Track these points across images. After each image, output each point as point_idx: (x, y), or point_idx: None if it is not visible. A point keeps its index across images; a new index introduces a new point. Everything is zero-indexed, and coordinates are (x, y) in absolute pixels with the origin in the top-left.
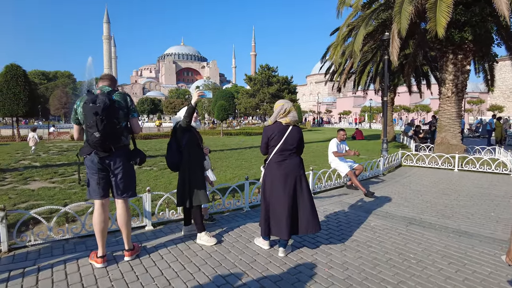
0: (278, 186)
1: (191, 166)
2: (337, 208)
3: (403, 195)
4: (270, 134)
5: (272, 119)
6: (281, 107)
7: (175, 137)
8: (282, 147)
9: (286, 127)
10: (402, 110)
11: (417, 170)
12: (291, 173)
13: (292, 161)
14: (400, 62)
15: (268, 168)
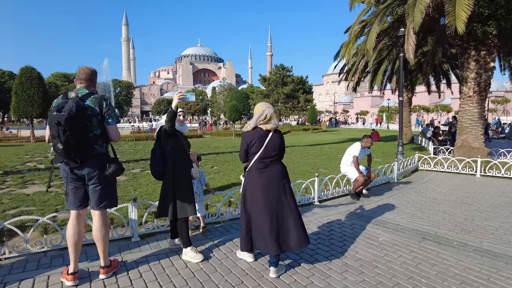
0: (259, 196)
1: (176, 174)
2: (343, 219)
3: (417, 204)
4: (249, 141)
5: (252, 124)
6: (261, 112)
7: (159, 142)
8: (263, 154)
9: (267, 132)
10: (421, 110)
11: (435, 175)
12: (274, 181)
13: (275, 169)
14: (418, 60)
15: (248, 176)
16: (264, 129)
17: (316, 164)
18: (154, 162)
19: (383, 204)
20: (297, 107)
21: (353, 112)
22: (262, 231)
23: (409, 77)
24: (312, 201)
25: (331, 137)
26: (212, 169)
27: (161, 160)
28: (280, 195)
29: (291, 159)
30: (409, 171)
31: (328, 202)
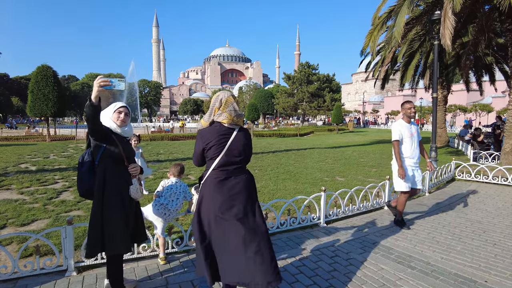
0: (220, 215)
1: (105, 193)
2: (353, 250)
3: (456, 229)
4: (205, 141)
5: (207, 118)
6: (216, 99)
7: (89, 149)
8: (224, 160)
9: (229, 130)
10: (457, 110)
11: (477, 188)
12: (239, 195)
13: (239, 179)
14: (456, 53)
15: (205, 189)
16: (226, 125)
17: (334, 171)
18: (80, 176)
19: (408, 229)
20: (323, 107)
21: (384, 112)
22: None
23: (444, 72)
24: (317, 222)
25: (357, 138)
26: None
27: (88, 174)
28: (247, 214)
29: (305, 163)
30: (443, 181)
31: (338, 224)
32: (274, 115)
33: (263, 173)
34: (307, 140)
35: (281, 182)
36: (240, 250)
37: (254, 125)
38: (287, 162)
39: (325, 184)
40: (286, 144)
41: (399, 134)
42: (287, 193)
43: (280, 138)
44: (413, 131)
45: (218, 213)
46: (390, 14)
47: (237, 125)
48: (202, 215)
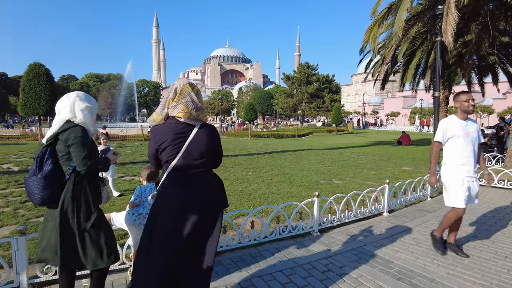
0: (174, 226)
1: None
2: (347, 263)
3: (461, 238)
4: (158, 141)
5: (159, 111)
6: (171, 88)
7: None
8: (181, 164)
9: (188, 128)
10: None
11: (482, 191)
12: (198, 206)
13: (201, 186)
14: (458, 52)
15: (159, 197)
16: (181, 120)
17: (331, 173)
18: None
19: (410, 238)
20: (322, 107)
21: (383, 113)
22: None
23: (446, 72)
24: (310, 231)
25: (356, 140)
26: None
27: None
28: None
29: (301, 165)
30: None
31: (333, 232)
32: (274, 116)
33: (257, 175)
34: (305, 141)
35: (274, 185)
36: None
37: (253, 126)
38: (283, 163)
39: (321, 188)
40: (283, 145)
41: (443, 134)
42: (280, 197)
43: (278, 139)
44: (470, 130)
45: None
46: (391, 9)
47: (198, 121)
48: (154, 224)
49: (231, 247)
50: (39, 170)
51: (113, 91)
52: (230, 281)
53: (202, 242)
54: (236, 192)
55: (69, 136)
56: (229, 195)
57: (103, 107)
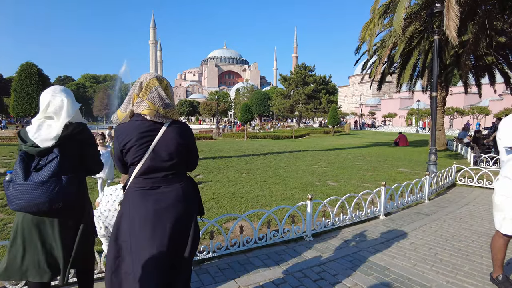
0: (141, 236)
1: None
2: (341, 270)
3: (461, 243)
4: (122, 141)
5: (123, 108)
6: (136, 83)
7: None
8: (148, 166)
9: (155, 126)
10: (455, 112)
11: (480, 194)
12: (168, 211)
13: (171, 190)
14: (455, 52)
15: (125, 203)
16: (147, 117)
17: (326, 174)
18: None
19: (407, 243)
20: (319, 109)
21: (380, 114)
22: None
23: (443, 72)
24: (302, 235)
25: (353, 141)
26: (195, 177)
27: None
28: (176, 237)
29: (296, 166)
30: (444, 187)
31: (327, 236)
32: (271, 117)
33: (250, 176)
34: (301, 142)
35: (268, 187)
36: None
37: (250, 127)
38: (278, 165)
39: (316, 190)
40: (279, 146)
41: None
42: (273, 199)
43: (274, 140)
44: None
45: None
46: (389, 6)
47: (167, 119)
48: (121, 232)
49: (219, 254)
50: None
51: (109, 92)
52: None
53: (173, 253)
54: (227, 194)
55: (85, 135)
56: (220, 197)
57: (99, 108)
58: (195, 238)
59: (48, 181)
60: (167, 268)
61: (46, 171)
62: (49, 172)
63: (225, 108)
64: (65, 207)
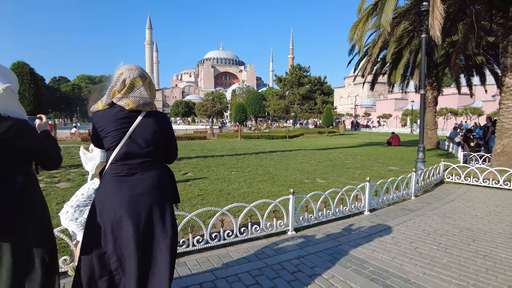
0: (118, 221)
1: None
2: (320, 263)
3: (442, 238)
4: (100, 127)
5: (104, 101)
6: (118, 77)
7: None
8: (124, 152)
9: (132, 114)
10: (448, 113)
11: (467, 191)
12: (144, 198)
13: (146, 177)
14: (446, 52)
15: (102, 187)
16: (127, 108)
17: (316, 172)
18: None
19: (389, 237)
20: (314, 109)
21: (375, 115)
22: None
23: (434, 72)
24: (285, 230)
25: (346, 141)
26: (184, 175)
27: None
28: (151, 224)
29: (287, 165)
30: (431, 184)
31: (309, 231)
32: (266, 118)
33: (240, 174)
34: (295, 142)
35: (256, 184)
36: (143, 266)
37: (244, 127)
38: (269, 163)
39: (304, 187)
40: (272, 145)
41: None
42: (260, 196)
43: (268, 140)
44: None
45: (116, 216)
46: (377, 5)
47: (145, 109)
48: (96, 218)
49: (199, 247)
50: None
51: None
52: (192, 282)
53: (149, 239)
54: (214, 191)
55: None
56: (207, 194)
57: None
58: (172, 224)
59: None
60: (146, 250)
61: None
62: None
63: (221, 109)
64: None
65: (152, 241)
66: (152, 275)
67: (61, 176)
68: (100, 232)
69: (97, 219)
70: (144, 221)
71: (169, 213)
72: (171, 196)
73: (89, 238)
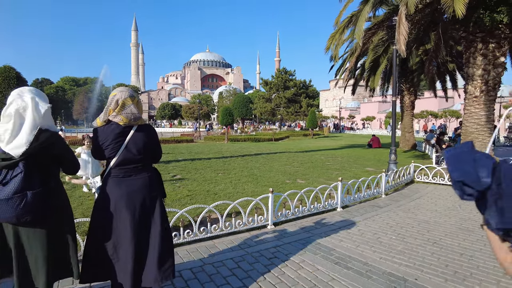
0: (117, 213)
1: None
2: (293, 252)
3: (402, 229)
4: (101, 141)
5: (102, 118)
6: (112, 99)
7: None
8: (122, 159)
9: (126, 129)
10: (429, 116)
11: (433, 189)
12: (138, 194)
13: (139, 178)
14: (421, 59)
15: (103, 187)
16: (121, 124)
17: (297, 173)
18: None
19: (356, 229)
20: (299, 112)
21: (360, 117)
22: (119, 260)
23: (410, 77)
24: (265, 224)
25: (330, 143)
26: (173, 177)
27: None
28: (145, 214)
29: (271, 166)
30: (402, 184)
31: (287, 225)
32: (253, 120)
33: (225, 176)
34: (280, 145)
35: (241, 185)
36: (140, 248)
37: (232, 130)
38: (254, 165)
39: (285, 187)
40: (258, 148)
41: None
42: (244, 195)
43: (255, 142)
44: None
45: (115, 209)
46: (352, 19)
47: (135, 124)
48: (99, 210)
49: (189, 240)
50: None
51: (90, 95)
52: (183, 267)
53: (144, 226)
54: (202, 192)
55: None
56: (195, 194)
57: (79, 111)
58: (162, 213)
59: (12, 198)
60: (143, 236)
61: (10, 187)
62: (13, 189)
63: (208, 111)
64: (33, 220)
65: (146, 227)
66: (147, 255)
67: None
68: (103, 222)
69: (101, 211)
70: (138, 211)
71: (159, 205)
72: (159, 192)
73: (94, 227)
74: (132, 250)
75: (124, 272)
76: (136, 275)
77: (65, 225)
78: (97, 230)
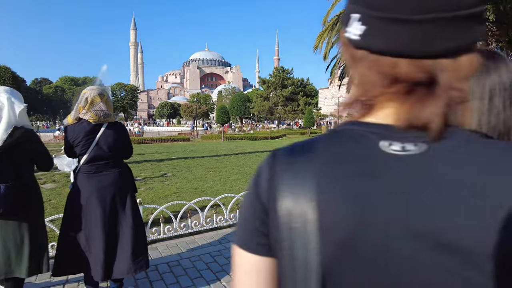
0: (88, 207)
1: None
2: None
3: None
4: (72, 138)
5: (72, 115)
6: (81, 96)
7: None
8: (92, 156)
9: (96, 126)
10: None
11: None
12: (109, 189)
13: (110, 173)
14: None
15: (75, 183)
16: (91, 121)
17: None
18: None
19: None
20: (297, 110)
21: None
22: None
23: None
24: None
25: None
26: (163, 176)
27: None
28: (116, 208)
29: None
30: None
31: None
32: (252, 119)
33: (216, 174)
34: (276, 143)
35: (230, 183)
36: (111, 241)
37: (230, 129)
38: (246, 163)
39: None
40: (253, 146)
41: None
42: (232, 193)
43: (251, 141)
44: None
45: (87, 204)
46: (339, 17)
47: (106, 121)
48: (72, 205)
49: (169, 235)
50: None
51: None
52: (160, 261)
53: (115, 219)
54: (190, 189)
55: (34, 144)
56: (182, 192)
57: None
58: (133, 207)
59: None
60: (114, 229)
61: None
62: None
63: (206, 110)
64: (6, 212)
65: (117, 220)
66: (118, 247)
67: (46, 177)
68: (75, 216)
69: (73, 206)
70: (109, 206)
71: (130, 200)
72: (130, 188)
73: (66, 221)
74: (103, 243)
75: (96, 264)
76: (107, 266)
77: (37, 220)
78: (69, 225)
